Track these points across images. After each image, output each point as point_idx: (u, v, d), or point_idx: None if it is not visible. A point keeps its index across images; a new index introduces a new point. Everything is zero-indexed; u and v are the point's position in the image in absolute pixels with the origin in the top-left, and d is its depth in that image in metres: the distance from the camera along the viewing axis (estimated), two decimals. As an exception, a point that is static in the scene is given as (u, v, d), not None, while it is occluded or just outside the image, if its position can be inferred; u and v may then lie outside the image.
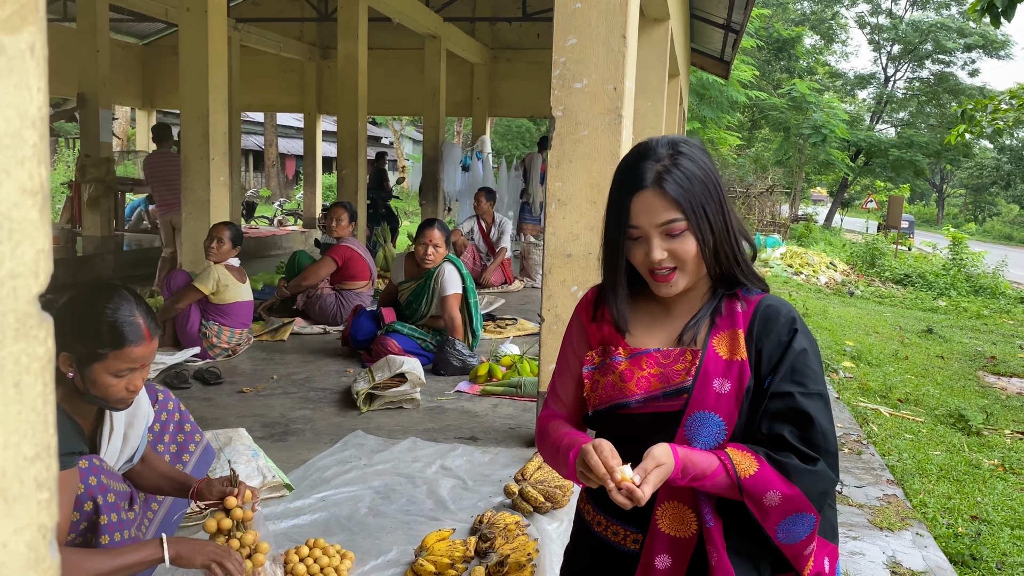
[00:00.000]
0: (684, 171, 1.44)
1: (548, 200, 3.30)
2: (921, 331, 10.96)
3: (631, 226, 1.45)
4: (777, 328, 1.46)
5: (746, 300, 1.51)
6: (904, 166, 28.28)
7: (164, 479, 2.28)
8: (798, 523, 1.41)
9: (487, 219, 8.84)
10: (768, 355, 1.46)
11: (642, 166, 1.45)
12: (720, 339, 1.48)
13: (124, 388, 1.97)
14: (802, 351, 1.45)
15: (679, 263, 1.45)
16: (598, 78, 3.18)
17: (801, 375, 1.43)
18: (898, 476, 5.04)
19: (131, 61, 15.32)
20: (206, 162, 6.74)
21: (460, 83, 14.31)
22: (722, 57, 12.24)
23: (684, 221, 1.43)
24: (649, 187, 1.43)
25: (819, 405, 1.43)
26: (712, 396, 1.45)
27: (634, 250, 1.46)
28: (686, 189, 1.43)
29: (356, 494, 2.94)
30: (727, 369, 1.45)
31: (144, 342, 1.96)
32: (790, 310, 1.50)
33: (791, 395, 1.42)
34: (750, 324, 1.48)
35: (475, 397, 4.45)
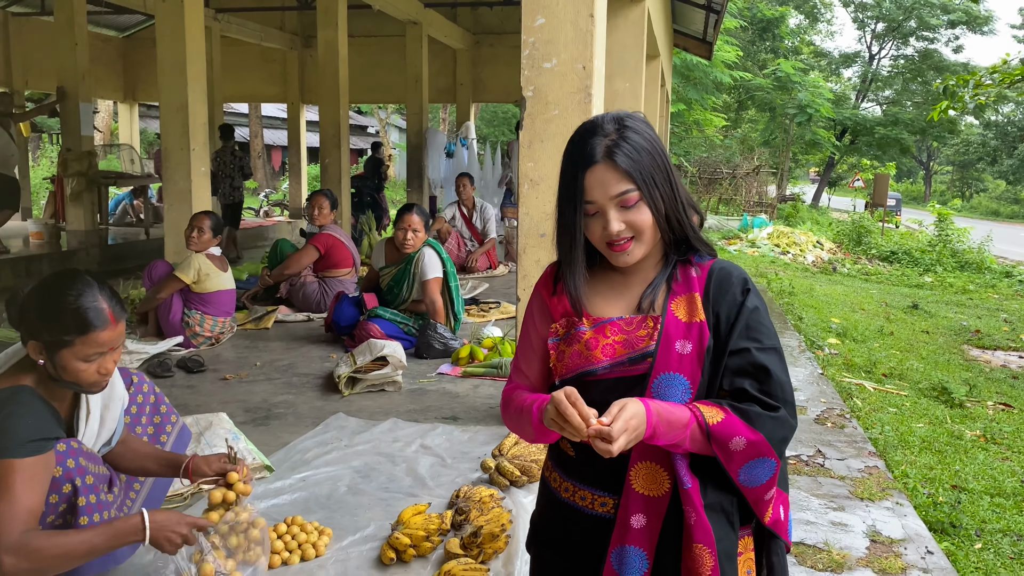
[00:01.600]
0: (632, 144, 1.48)
1: (520, 180, 3.32)
2: (907, 307, 11.03)
3: (587, 202, 1.48)
4: (731, 289, 1.53)
5: (699, 265, 1.56)
6: (890, 144, 28.38)
7: (150, 459, 2.31)
8: (760, 467, 1.48)
9: (468, 204, 8.85)
10: (725, 315, 1.52)
11: (591, 142, 1.48)
12: (678, 303, 1.53)
13: (95, 372, 2.00)
14: (755, 309, 1.52)
15: (636, 232, 1.49)
16: (567, 57, 3.20)
17: (756, 331, 1.50)
18: (880, 448, 5.10)
19: (111, 54, 15.23)
20: (186, 153, 6.73)
21: (443, 69, 14.27)
22: (704, 38, 12.22)
23: (637, 191, 1.47)
24: (600, 161, 1.46)
25: (774, 358, 1.50)
26: (675, 358, 1.50)
27: (591, 225, 1.50)
28: (636, 161, 1.46)
29: (336, 474, 2.97)
30: (687, 331, 1.51)
31: (110, 326, 1.98)
32: (741, 272, 1.57)
33: (748, 351, 1.49)
34: (706, 287, 1.53)
35: (457, 379, 4.49)
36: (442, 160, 12.42)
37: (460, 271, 8.50)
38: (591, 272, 1.60)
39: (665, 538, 1.51)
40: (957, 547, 3.75)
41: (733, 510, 1.52)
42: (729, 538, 1.50)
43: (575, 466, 1.58)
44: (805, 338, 7.56)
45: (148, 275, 5.25)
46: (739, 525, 1.53)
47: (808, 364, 6.34)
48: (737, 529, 1.53)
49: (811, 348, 7.29)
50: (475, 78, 14.41)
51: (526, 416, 1.55)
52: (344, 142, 9.89)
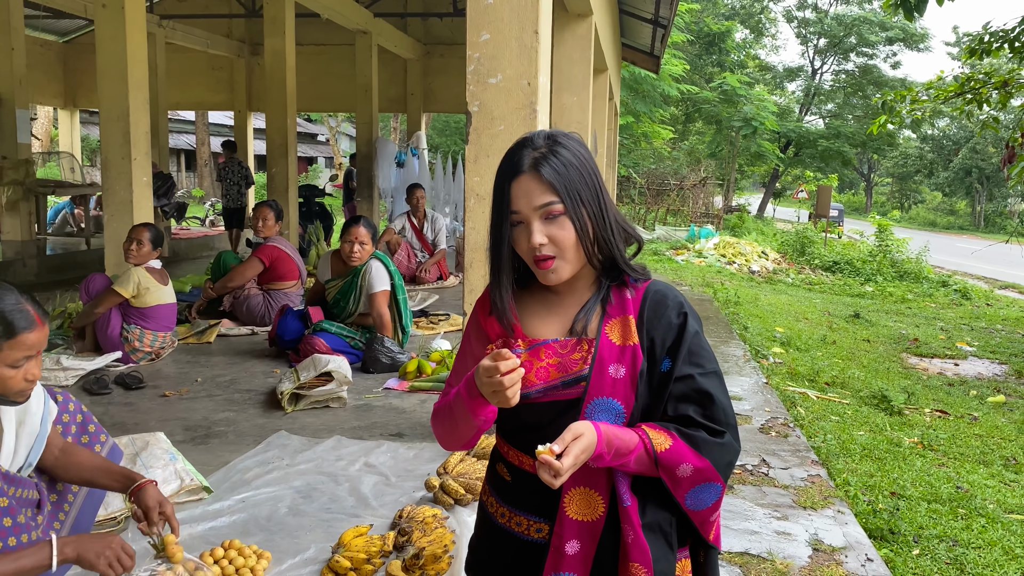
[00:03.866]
0: (560, 158, 1.47)
1: (467, 195, 3.31)
2: (849, 316, 11.24)
3: (512, 211, 1.48)
4: (667, 313, 1.52)
5: (634, 287, 1.56)
6: (832, 156, 29.08)
7: (99, 471, 2.23)
8: (706, 491, 1.49)
9: (419, 215, 8.81)
10: (660, 339, 1.51)
11: (520, 154, 1.48)
12: (612, 326, 1.52)
13: (22, 379, 1.95)
14: (695, 334, 1.52)
15: (558, 250, 1.47)
16: (512, 73, 3.20)
17: (698, 356, 1.51)
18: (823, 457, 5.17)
19: (51, 59, 14.84)
20: (128, 162, 6.57)
21: (393, 79, 14.21)
22: (652, 52, 12.37)
23: (560, 204, 1.46)
24: (526, 172, 1.46)
25: (716, 383, 1.51)
26: (608, 382, 1.49)
27: (517, 237, 1.49)
28: (561, 174, 1.46)
29: (277, 494, 2.91)
30: (620, 355, 1.50)
31: (37, 327, 1.94)
32: (676, 295, 1.56)
33: (692, 377, 1.49)
34: (640, 310, 1.53)
35: (403, 394, 4.44)
36: (392, 170, 12.35)
37: (410, 282, 8.45)
38: (528, 292, 1.60)
39: (600, 561, 1.50)
40: (896, 553, 3.82)
41: (671, 530, 1.52)
42: (667, 559, 1.50)
43: (511, 491, 1.57)
44: (750, 347, 7.65)
45: (85, 289, 5.10)
46: (678, 546, 1.53)
47: (753, 373, 6.42)
48: (675, 550, 1.53)
49: (756, 357, 7.38)
50: (426, 88, 14.38)
51: (457, 405, 1.53)
52: (291, 151, 9.77)
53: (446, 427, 1.60)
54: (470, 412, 1.51)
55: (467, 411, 1.51)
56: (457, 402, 1.53)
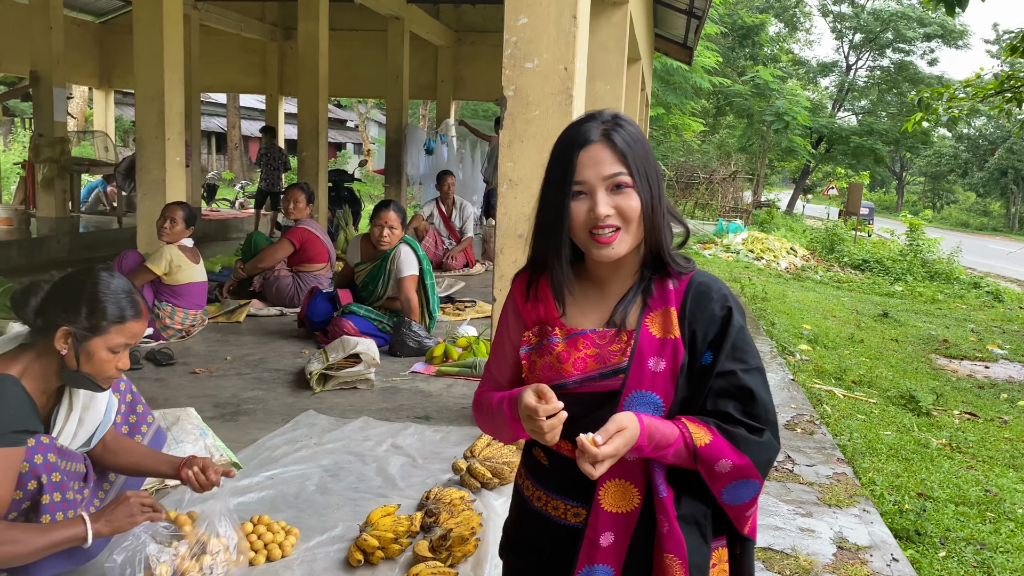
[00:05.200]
0: (628, 132, 1.47)
1: (500, 180, 3.30)
2: (877, 315, 11.13)
3: (576, 182, 1.44)
4: (710, 306, 1.49)
5: (677, 278, 1.52)
6: (864, 153, 28.70)
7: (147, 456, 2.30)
8: (744, 487, 1.47)
9: (447, 202, 8.82)
10: (703, 332, 1.48)
11: (588, 125, 1.47)
12: (653, 318, 1.50)
13: (115, 366, 2.03)
14: (740, 328, 1.48)
15: (623, 222, 1.45)
16: (549, 58, 3.19)
17: (741, 352, 1.48)
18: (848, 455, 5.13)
19: (87, 39, 14.99)
20: (161, 142, 6.65)
21: (424, 65, 14.20)
22: (685, 43, 12.26)
23: (629, 176, 1.44)
24: (597, 141, 1.45)
25: (758, 379, 1.48)
26: (648, 375, 1.47)
27: (577, 209, 1.45)
28: (631, 147, 1.46)
29: (305, 472, 2.93)
30: (660, 348, 1.47)
31: (142, 318, 2.06)
32: (721, 287, 1.52)
33: (734, 373, 1.46)
34: (683, 302, 1.50)
35: (430, 378, 4.46)
36: (421, 156, 12.37)
37: (437, 269, 8.47)
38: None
39: (634, 553, 1.49)
40: (922, 555, 3.79)
41: (707, 523, 1.50)
42: (701, 551, 1.49)
43: (548, 475, 1.56)
44: (777, 344, 7.60)
45: (118, 265, 5.16)
46: (712, 537, 1.52)
47: (779, 370, 6.37)
48: (710, 542, 1.51)
49: (783, 354, 7.33)
50: (456, 75, 14.36)
51: (499, 416, 1.54)
52: (322, 135, 9.81)
53: (488, 426, 1.62)
54: (512, 429, 1.52)
55: (509, 428, 1.52)
56: (499, 413, 1.53)
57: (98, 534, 1.95)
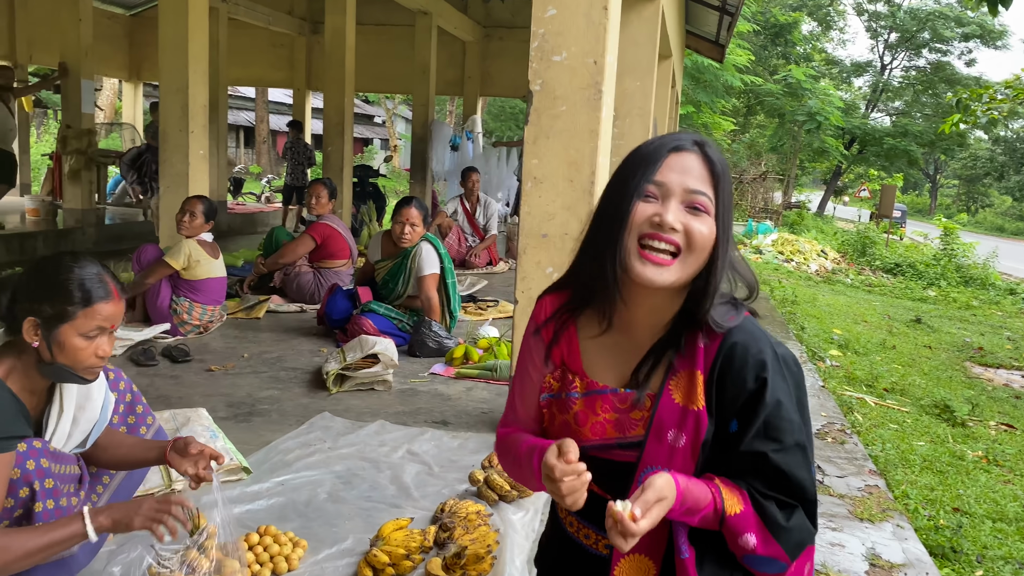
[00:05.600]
0: (721, 157, 1.33)
1: (524, 178, 3.18)
2: (910, 320, 10.92)
3: (655, 181, 1.28)
4: (742, 373, 1.30)
5: (710, 335, 1.33)
6: (898, 155, 28.20)
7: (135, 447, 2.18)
8: (769, 564, 1.33)
9: (472, 199, 8.71)
10: (731, 401, 1.31)
11: (681, 136, 1.33)
12: (677, 382, 1.33)
13: (93, 353, 1.91)
14: (776, 404, 1.29)
15: (687, 247, 1.27)
16: (578, 51, 3.05)
17: (776, 431, 1.29)
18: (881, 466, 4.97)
19: (118, 32, 15.06)
20: (185, 135, 6.59)
21: (451, 61, 14.10)
22: (717, 40, 12.08)
23: (713, 202, 1.28)
24: (691, 150, 1.30)
25: (797, 458, 1.30)
26: (665, 450, 1.32)
27: (641, 208, 1.28)
28: (723, 172, 1.31)
29: (317, 478, 2.83)
30: (682, 419, 1.32)
31: (113, 300, 1.93)
32: (760, 350, 1.31)
33: (764, 455, 1.29)
34: (712, 365, 1.31)
35: (449, 380, 4.35)
36: (447, 153, 12.27)
37: (460, 266, 8.37)
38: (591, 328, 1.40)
39: None
40: (958, 574, 3.63)
41: None
42: None
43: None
44: (807, 348, 7.43)
45: (137, 259, 5.11)
46: None
47: (809, 376, 6.22)
48: None
49: (812, 359, 7.16)
50: (483, 71, 14.25)
51: (527, 468, 1.41)
52: (348, 130, 9.75)
53: (515, 473, 1.49)
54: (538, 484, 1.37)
55: (538, 482, 1.37)
56: (527, 466, 1.40)
57: (100, 528, 1.82)
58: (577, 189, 3.10)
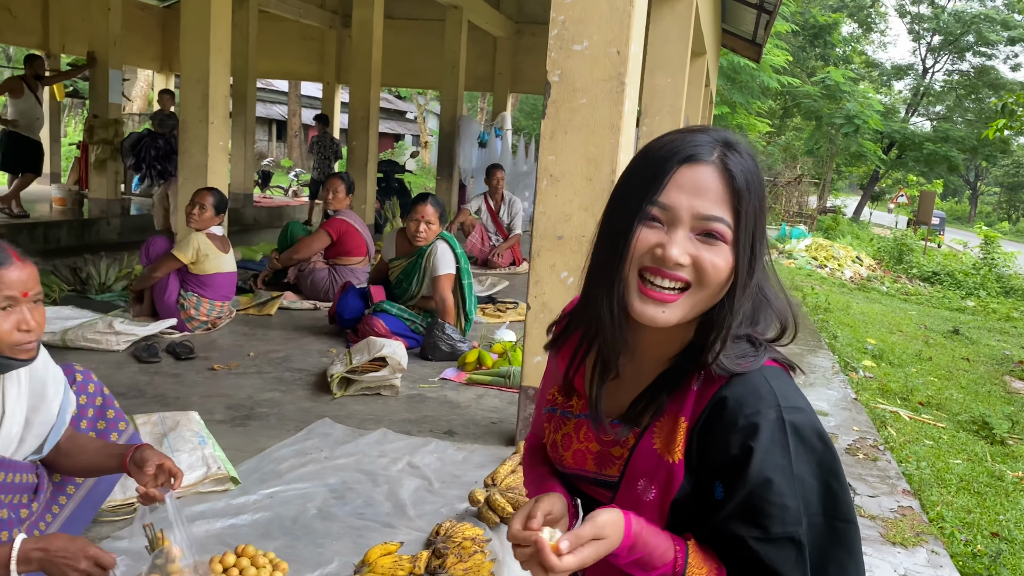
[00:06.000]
0: (748, 166, 1.07)
1: (539, 176, 2.98)
2: (947, 331, 10.59)
3: (659, 203, 1.05)
4: (728, 436, 1.06)
5: (708, 379, 1.10)
6: (938, 161, 27.57)
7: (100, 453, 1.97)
8: None
9: (496, 197, 8.52)
10: (712, 462, 1.08)
11: (698, 138, 1.08)
12: (661, 427, 1.13)
13: (14, 328, 1.72)
14: (762, 483, 1.04)
15: (697, 282, 1.06)
16: (600, 40, 2.84)
17: (759, 515, 1.04)
18: (915, 486, 4.75)
19: (150, 23, 15.09)
20: (205, 125, 6.47)
21: (482, 57, 13.93)
22: (754, 40, 11.79)
23: (732, 229, 1.05)
24: (708, 162, 1.05)
25: (785, 553, 1.04)
26: (634, 499, 1.13)
27: (645, 236, 1.07)
28: (750, 189, 1.06)
29: (308, 492, 2.65)
30: (655, 469, 1.11)
31: (14, 264, 1.72)
32: (757, 411, 1.06)
33: (742, 541, 1.05)
34: (699, 416, 1.09)
35: (460, 386, 4.15)
36: (474, 150, 12.09)
37: (482, 266, 8.19)
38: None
39: None
40: (998, 608, 3.39)
41: None
42: None
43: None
44: (839, 358, 7.17)
45: (145, 251, 4.98)
46: None
47: (841, 387, 5.97)
48: None
49: (845, 370, 6.89)
50: (514, 67, 14.05)
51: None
52: (373, 125, 9.61)
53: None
54: None
55: None
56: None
57: (25, 560, 1.58)
58: (596, 188, 2.89)
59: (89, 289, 5.65)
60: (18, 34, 12.58)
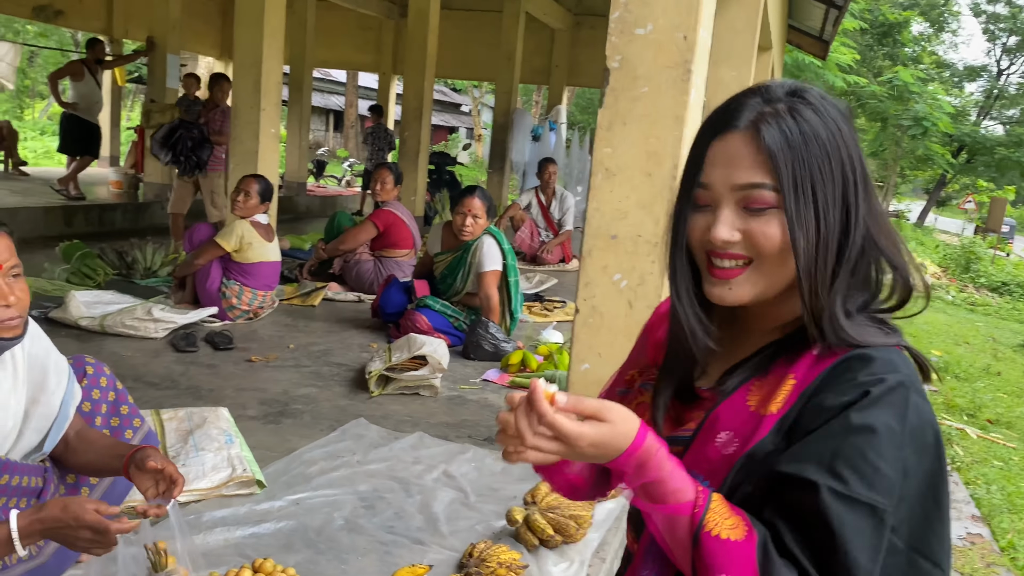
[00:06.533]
0: (799, 123, 0.96)
1: (594, 169, 2.77)
2: (1017, 345, 10.17)
3: (701, 184, 1.00)
4: (845, 387, 0.92)
5: (827, 349, 0.97)
6: (1010, 166, 26.52)
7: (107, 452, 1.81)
8: None
9: (548, 192, 8.31)
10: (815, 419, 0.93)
11: (742, 103, 0.99)
12: (759, 386, 1.00)
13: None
14: (865, 429, 0.88)
15: (756, 254, 0.98)
16: (666, 23, 2.62)
17: (848, 464, 0.88)
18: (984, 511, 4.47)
19: (212, 10, 15.20)
20: (256, 112, 6.40)
21: (539, 49, 13.72)
22: (821, 36, 11.38)
23: (774, 192, 0.96)
24: (740, 129, 0.97)
25: (861, 520, 0.87)
26: (708, 455, 0.99)
27: (696, 222, 1.02)
28: (793, 147, 0.95)
29: (337, 499, 2.49)
30: (742, 424, 0.98)
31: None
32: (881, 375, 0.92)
33: (814, 487, 0.88)
34: (815, 379, 0.96)
35: (502, 388, 3.95)
36: (527, 143, 11.89)
37: (531, 262, 8.00)
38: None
39: None
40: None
41: None
42: None
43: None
44: (904, 372, 6.85)
45: (189, 238, 4.90)
46: None
47: (907, 404, 5.66)
48: None
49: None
50: (572, 61, 13.79)
51: None
52: (426, 116, 9.49)
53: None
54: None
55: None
56: None
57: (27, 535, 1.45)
58: (656, 184, 2.67)
59: (134, 274, 5.62)
60: (83, 19, 12.76)
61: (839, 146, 0.96)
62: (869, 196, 0.98)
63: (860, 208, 0.97)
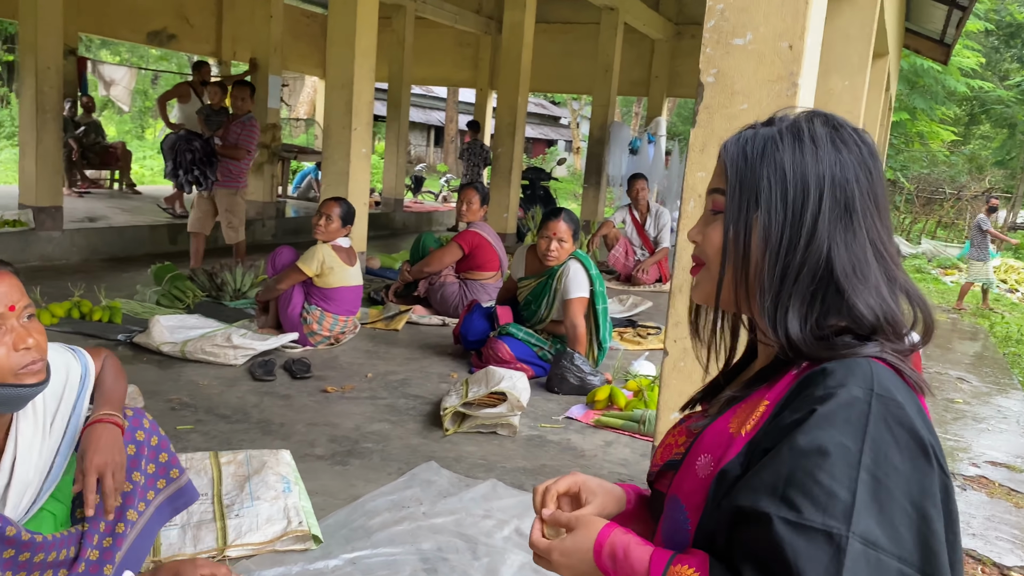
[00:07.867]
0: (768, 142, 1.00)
1: (685, 194, 2.48)
2: None
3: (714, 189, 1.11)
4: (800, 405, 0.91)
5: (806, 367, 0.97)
6: None
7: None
8: None
9: (641, 208, 7.96)
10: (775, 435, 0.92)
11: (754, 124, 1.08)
12: (743, 410, 1.01)
13: (11, 349, 1.47)
14: (814, 451, 0.85)
15: (703, 255, 1.07)
16: (767, 32, 2.32)
17: (799, 491, 0.84)
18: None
19: (315, 31, 15.54)
20: (348, 132, 6.39)
21: (638, 60, 13.40)
22: (942, 39, 10.61)
23: (723, 196, 1.03)
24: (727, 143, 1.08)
25: (816, 550, 0.81)
26: (690, 480, 1.02)
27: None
28: (748, 160, 1.00)
29: (397, 559, 2.27)
30: (717, 445, 1.00)
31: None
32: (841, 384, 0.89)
33: (768, 519, 0.85)
34: (787, 393, 0.96)
35: (587, 428, 3.66)
36: (625, 157, 11.55)
37: (625, 282, 7.68)
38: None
39: None
40: None
41: None
42: None
43: None
44: (1035, 402, 6.15)
45: (272, 262, 4.83)
46: None
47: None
48: None
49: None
50: (672, 71, 13.40)
51: None
52: (519, 131, 9.32)
53: None
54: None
55: None
56: None
57: None
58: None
59: (224, 296, 5.62)
60: (195, 42, 13.25)
61: (812, 167, 0.97)
62: (849, 226, 0.96)
63: (826, 234, 0.95)
